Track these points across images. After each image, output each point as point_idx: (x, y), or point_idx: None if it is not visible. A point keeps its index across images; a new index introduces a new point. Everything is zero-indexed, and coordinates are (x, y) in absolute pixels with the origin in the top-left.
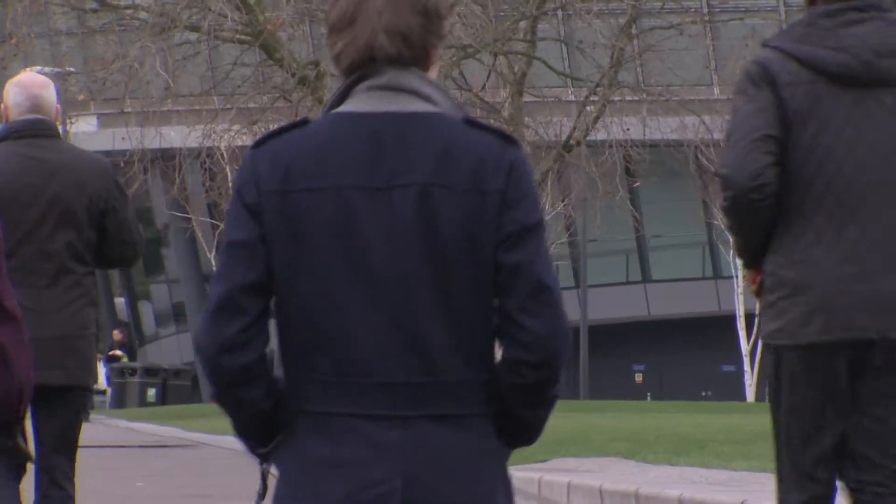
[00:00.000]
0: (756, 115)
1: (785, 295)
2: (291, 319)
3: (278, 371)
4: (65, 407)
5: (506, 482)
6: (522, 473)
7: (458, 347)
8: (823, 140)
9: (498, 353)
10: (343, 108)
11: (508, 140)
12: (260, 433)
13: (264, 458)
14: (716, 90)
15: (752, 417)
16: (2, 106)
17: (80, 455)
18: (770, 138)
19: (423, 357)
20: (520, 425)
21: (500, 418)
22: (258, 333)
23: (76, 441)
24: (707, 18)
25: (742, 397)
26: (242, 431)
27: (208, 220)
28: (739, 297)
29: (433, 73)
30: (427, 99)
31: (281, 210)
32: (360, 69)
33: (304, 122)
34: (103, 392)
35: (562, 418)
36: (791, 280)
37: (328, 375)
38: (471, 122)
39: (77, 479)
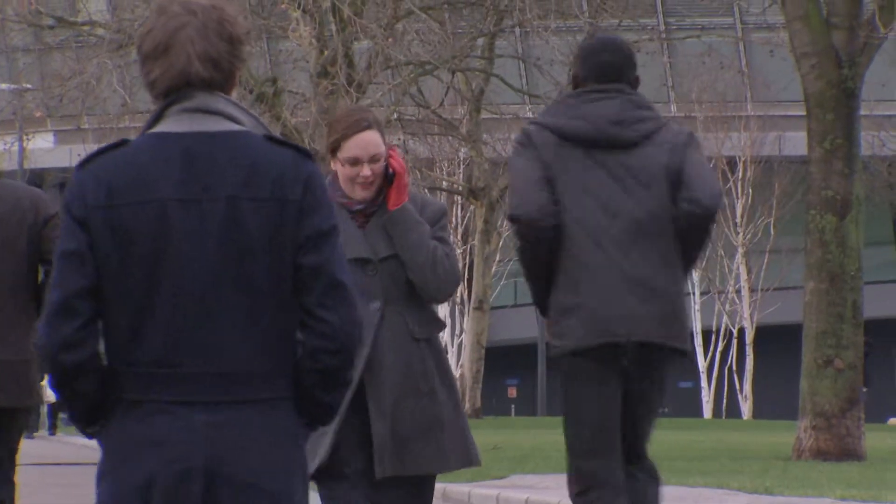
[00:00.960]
0: (529, 166)
1: (564, 317)
2: (113, 318)
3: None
4: (4, 428)
5: (302, 461)
6: (481, 490)
7: (261, 340)
8: (569, 191)
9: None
10: (158, 128)
11: (305, 155)
12: (89, 417)
13: (91, 436)
14: (673, 107)
15: (709, 434)
16: None
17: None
18: (545, 180)
19: (228, 349)
20: (318, 407)
21: (300, 402)
22: (91, 333)
23: (14, 458)
24: (664, 36)
25: (699, 414)
26: (75, 416)
27: None
28: (696, 314)
29: (235, 93)
30: (233, 119)
31: (106, 222)
32: (175, 93)
33: (124, 142)
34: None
35: (520, 435)
36: (567, 306)
37: (142, 367)
38: (271, 139)
39: (17, 496)
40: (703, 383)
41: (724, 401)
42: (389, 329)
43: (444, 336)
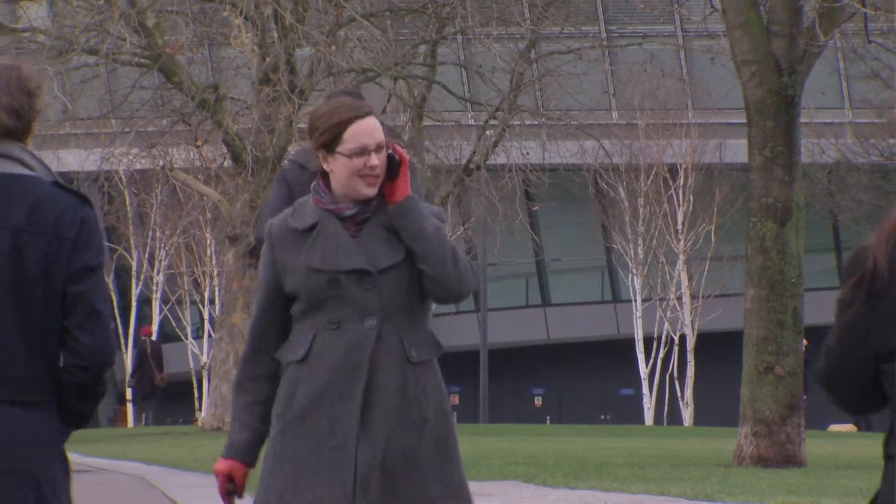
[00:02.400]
0: (280, 199)
1: None
2: None
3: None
4: None
5: (63, 457)
6: None
7: (32, 353)
8: None
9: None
10: None
11: (84, 200)
12: None
13: None
14: (614, 115)
15: (651, 441)
16: None
17: None
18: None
19: (3, 357)
20: (72, 412)
21: (61, 407)
22: None
23: None
24: (605, 43)
25: (641, 420)
26: None
27: (106, 244)
28: (638, 321)
29: (31, 140)
30: (26, 165)
31: None
32: None
33: None
34: None
35: (461, 442)
36: None
37: None
38: (57, 185)
39: None
40: (645, 390)
41: (666, 407)
42: (384, 350)
43: None
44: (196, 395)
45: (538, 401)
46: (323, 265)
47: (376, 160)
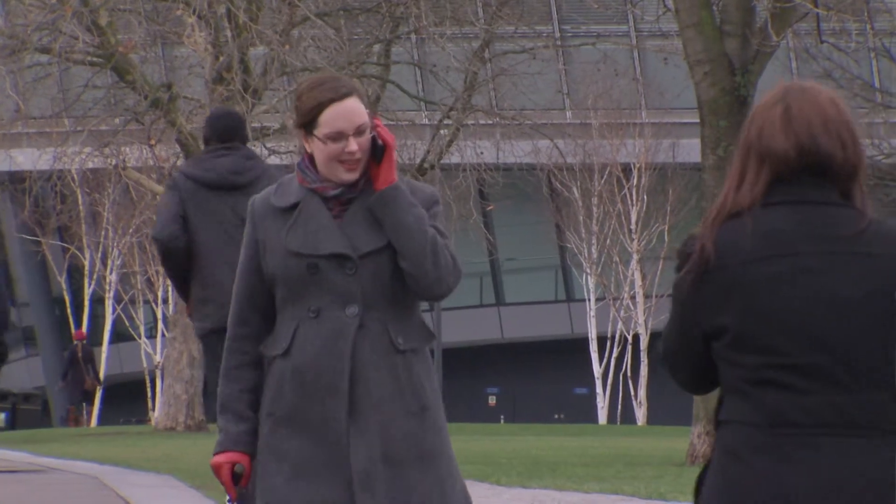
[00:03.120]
0: (171, 204)
1: (204, 305)
2: None
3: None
4: None
5: None
6: None
7: None
8: (199, 222)
9: None
10: None
11: None
12: None
13: None
14: (568, 114)
15: (605, 440)
16: None
17: None
18: (179, 216)
19: None
20: None
21: None
22: None
23: None
24: (559, 43)
25: (595, 420)
26: None
27: (59, 243)
28: (592, 321)
29: None
30: None
31: None
32: None
33: None
34: None
35: None
36: (205, 296)
37: None
38: None
39: None
40: (599, 389)
41: (619, 407)
42: (368, 339)
43: None
44: (150, 394)
45: (492, 400)
46: (302, 248)
47: (355, 145)
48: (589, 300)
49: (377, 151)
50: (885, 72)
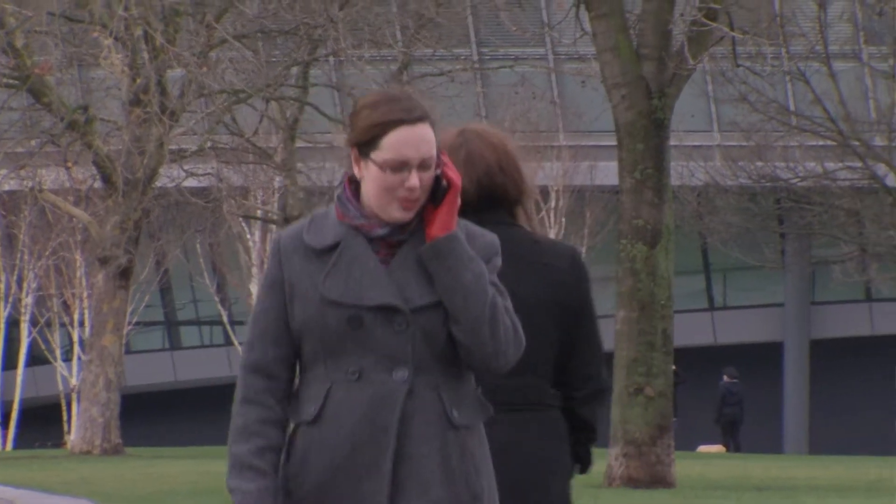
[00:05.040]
0: None
1: None
2: None
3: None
4: None
5: None
6: None
7: None
8: None
9: None
10: None
11: None
12: None
13: None
14: None
15: None
16: None
17: None
18: None
19: None
20: None
21: None
22: None
23: None
24: (477, 66)
25: None
26: None
27: None
28: None
29: None
30: None
31: None
32: None
33: None
34: None
35: None
36: None
37: None
38: None
39: None
40: None
41: None
42: (421, 410)
43: None
44: (66, 418)
45: None
46: (343, 297)
47: (416, 180)
48: None
49: (438, 192)
50: (799, 95)
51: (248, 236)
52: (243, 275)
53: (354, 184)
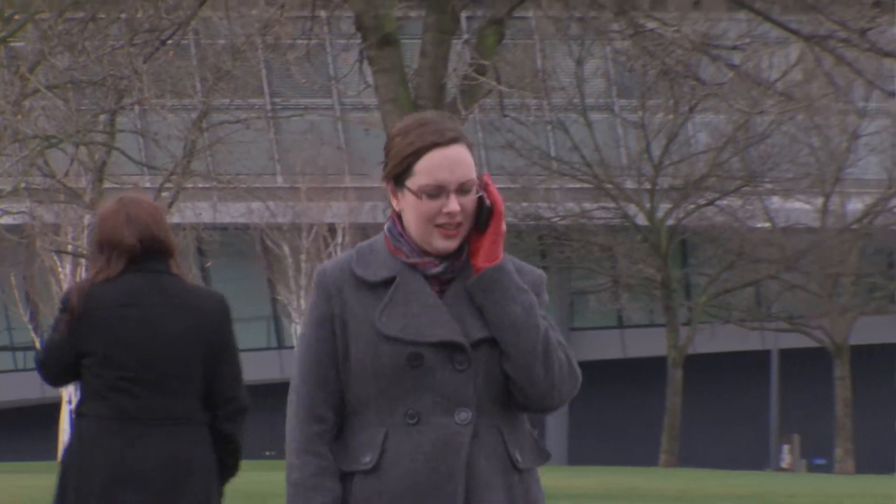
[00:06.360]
0: None
1: None
2: None
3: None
4: None
5: None
6: None
7: None
8: None
9: None
10: None
11: None
12: None
13: None
14: (279, 179)
15: None
16: None
17: None
18: None
19: None
20: None
21: None
22: None
23: None
24: (270, 115)
25: None
26: None
27: None
28: None
29: None
30: None
31: None
32: None
33: None
34: None
35: None
36: None
37: None
38: None
39: None
40: None
41: None
42: (486, 454)
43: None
44: None
45: None
46: (402, 334)
47: (456, 205)
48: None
49: (482, 216)
50: (560, 143)
51: (60, 269)
52: (55, 305)
53: (400, 217)
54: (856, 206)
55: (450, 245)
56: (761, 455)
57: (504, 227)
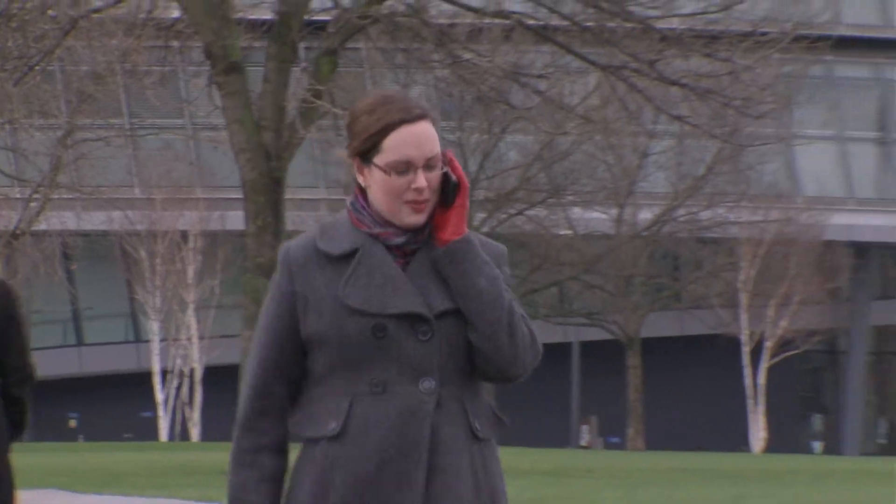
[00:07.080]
0: None
1: None
2: None
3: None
4: None
5: None
6: None
7: None
8: None
9: None
10: None
11: None
12: None
13: None
14: (136, 191)
15: (166, 454)
16: None
17: None
18: None
19: None
20: None
21: None
22: None
23: None
24: (129, 133)
25: (156, 438)
26: None
27: None
28: (156, 357)
29: None
30: None
31: None
32: None
33: None
34: None
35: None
36: None
37: None
38: None
39: None
40: (161, 412)
41: (178, 426)
42: (448, 422)
43: None
44: None
45: (72, 422)
46: (365, 305)
47: (423, 180)
48: (154, 341)
49: (448, 192)
50: None
51: None
52: None
53: (364, 191)
54: (646, 216)
55: (419, 220)
56: (564, 434)
57: (468, 202)
